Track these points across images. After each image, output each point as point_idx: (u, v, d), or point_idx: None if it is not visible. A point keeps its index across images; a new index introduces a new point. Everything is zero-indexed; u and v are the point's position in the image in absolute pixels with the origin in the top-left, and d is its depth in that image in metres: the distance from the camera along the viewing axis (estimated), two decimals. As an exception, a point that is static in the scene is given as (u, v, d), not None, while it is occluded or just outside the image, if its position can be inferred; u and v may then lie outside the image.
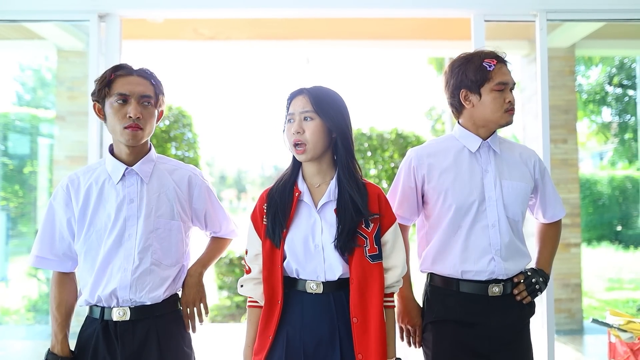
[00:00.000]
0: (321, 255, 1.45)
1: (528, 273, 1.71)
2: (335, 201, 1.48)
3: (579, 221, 4.71)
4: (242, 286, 1.56)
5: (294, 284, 1.48)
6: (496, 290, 1.64)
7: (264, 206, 1.53)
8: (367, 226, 1.47)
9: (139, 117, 1.52)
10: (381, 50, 4.82)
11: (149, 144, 1.64)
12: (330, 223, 1.47)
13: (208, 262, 1.75)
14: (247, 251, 1.57)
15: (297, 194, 1.49)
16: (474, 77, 1.67)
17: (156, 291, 1.55)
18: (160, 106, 1.62)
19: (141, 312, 1.53)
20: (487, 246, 1.64)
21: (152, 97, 1.57)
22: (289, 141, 1.50)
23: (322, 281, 1.45)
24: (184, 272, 1.67)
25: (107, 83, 1.52)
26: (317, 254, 1.45)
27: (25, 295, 5.49)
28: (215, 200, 1.76)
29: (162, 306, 1.57)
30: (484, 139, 1.71)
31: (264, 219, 1.52)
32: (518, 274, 1.69)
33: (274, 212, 1.49)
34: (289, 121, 1.51)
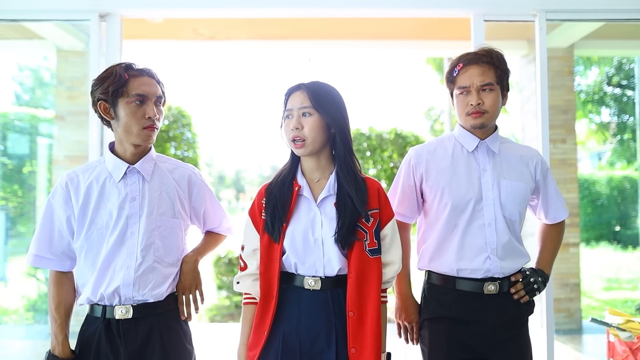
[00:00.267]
0: (320, 250, 1.46)
1: (527, 272, 1.71)
2: (335, 195, 1.49)
3: (578, 221, 4.72)
4: (238, 283, 1.56)
5: (291, 279, 1.48)
6: (492, 289, 1.65)
7: (263, 201, 1.54)
8: (368, 220, 1.48)
9: (157, 118, 1.56)
10: (380, 50, 4.83)
11: None
12: (329, 217, 1.48)
13: (203, 251, 1.76)
14: (243, 247, 1.57)
15: (296, 189, 1.50)
16: (447, 82, 1.76)
17: (159, 288, 1.56)
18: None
19: (143, 310, 1.53)
20: (483, 245, 1.65)
21: (162, 97, 1.61)
22: (287, 137, 1.51)
23: (321, 276, 1.46)
24: None
25: (124, 83, 1.52)
26: (317, 248, 1.46)
27: (24, 295, 5.49)
28: (214, 198, 1.78)
29: (164, 304, 1.58)
30: (481, 139, 1.72)
31: (262, 214, 1.52)
32: (516, 273, 1.70)
33: (273, 207, 1.49)
34: (287, 117, 1.51)
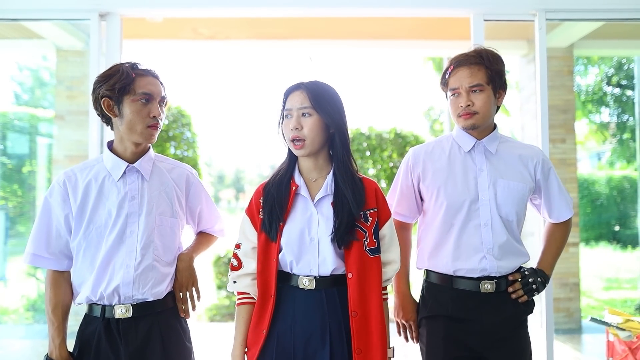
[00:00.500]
0: (316, 249, 1.46)
1: (526, 272, 1.70)
2: (332, 195, 1.49)
3: (577, 221, 4.73)
4: (235, 282, 1.54)
5: (287, 278, 1.48)
6: (488, 287, 1.65)
7: (260, 200, 1.54)
8: (366, 220, 1.49)
9: (160, 117, 1.58)
10: (380, 50, 4.83)
11: None
12: (326, 216, 1.48)
13: (197, 250, 1.76)
14: (239, 245, 1.56)
15: (294, 188, 1.51)
16: (441, 84, 1.77)
17: (159, 287, 1.56)
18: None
19: (143, 309, 1.53)
20: (478, 245, 1.65)
21: (165, 98, 1.62)
22: (286, 137, 1.51)
23: (315, 276, 1.45)
24: None
25: (131, 81, 1.53)
26: (312, 247, 1.46)
27: (24, 295, 5.49)
28: (209, 199, 1.79)
29: (163, 302, 1.58)
30: (478, 139, 1.73)
31: (260, 213, 1.53)
32: (515, 272, 1.69)
33: (271, 206, 1.50)
34: (286, 117, 1.51)
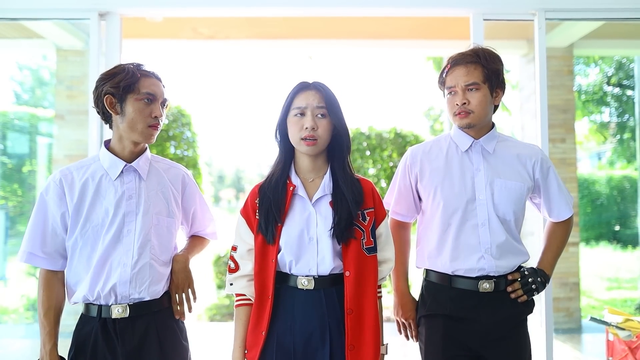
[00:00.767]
0: (315, 248, 1.46)
1: (525, 272, 1.70)
2: (330, 195, 1.50)
3: (577, 220, 4.73)
4: (231, 284, 1.54)
5: (285, 279, 1.48)
6: (487, 287, 1.65)
7: (256, 201, 1.53)
8: (364, 219, 1.50)
9: (161, 118, 1.59)
10: (380, 49, 4.83)
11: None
12: (324, 216, 1.48)
13: (192, 252, 1.76)
14: (235, 248, 1.56)
15: (291, 188, 1.51)
16: (439, 84, 1.77)
17: (156, 286, 1.57)
18: None
19: (140, 309, 1.54)
20: (476, 244, 1.65)
21: (166, 100, 1.63)
22: (295, 134, 1.48)
23: (314, 275, 1.46)
24: None
25: (136, 80, 1.54)
26: (311, 246, 1.46)
27: (24, 294, 5.50)
28: (203, 201, 1.80)
29: (160, 302, 1.59)
30: (476, 139, 1.72)
31: (256, 214, 1.52)
32: (514, 271, 1.69)
33: (267, 207, 1.49)
34: (296, 114, 1.49)
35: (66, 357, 1.55)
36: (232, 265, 1.55)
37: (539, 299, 2.49)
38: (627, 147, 8.77)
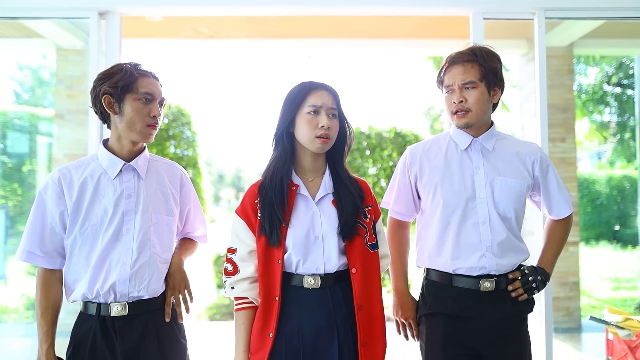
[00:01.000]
0: (321, 247, 1.47)
1: (526, 271, 1.70)
2: (332, 194, 1.52)
3: (577, 220, 4.73)
4: (233, 288, 1.51)
5: (289, 279, 1.48)
6: (488, 285, 1.65)
7: (257, 201, 1.52)
8: (365, 217, 1.54)
9: (159, 117, 1.60)
10: (380, 48, 4.83)
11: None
12: (328, 214, 1.50)
13: (185, 254, 1.76)
14: (234, 250, 1.53)
15: (294, 188, 1.51)
16: (437, 83, 1.77)
17: (155, 284, 1.57)
18: None
19: (139, 307, 1.54)
20: (477, 243, 1.65)
21: (164, 100, 1.64)
22: (309, 132, 1.48)
23: (321, 274, 1.46)
24: None
25: (134, 80, 1.54)
26: (317, 245, 1.47)
27: (24, 294, 5.50)
28: (197, 202, 1.80)
29: (159, 300, 1.59)
30: (475, 137, 1.73)
31: (257, 215, 1.51)
32: (514, 270, 1.69)
33: (271, 209, 1.48)
34: (310, 112, 1.49)
35: (64, 356, 1.55)
36: (230, 268, 1.52)
37: (539, 298, 2.49)
38: (627, 147, 8.77)
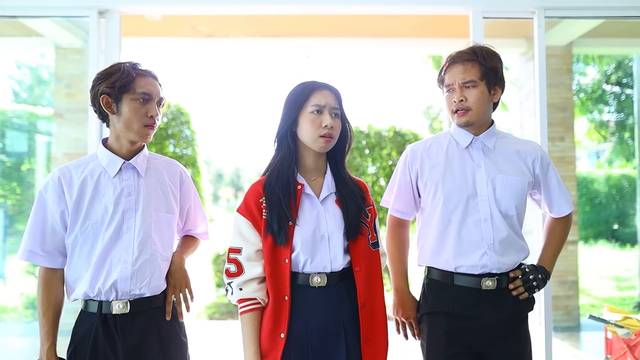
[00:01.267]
0: (327, 246, 1.48)
1: (526, 269, 1.71)
2: (334, 193, 1.54)
3: (576, 219, 4.73)
4: (241, 289, 1.48)
5: (295, 278, 1.47)
6: (489, 284, 1.65)
7: (262, 200, 1.51)
8: (367, 216, 1.56)
9: (157, 117, 1.60)
10: (379, 47, 4.83)
11: None
12: (332, 213, 1.51)
13: (186, 252, 1.76)
14: (239, 250, 1.50)
15: (299, 187, 1.51)
16: (438, 82, 1.78)
17: (157, 282, 1.57)
18: None
19: (140, 305, 1.54)
20: (479, 240, 1.65)
21: (162, 99, 1.64)
22: (313, 131, 1.49)
23: (327, 272, 1.47)
24: None
25: (132, 80, 1.54)
26: (324, 244, 1.48)
27: (23, 293, 5.49)
28: (198, 199, 1.80)
29: (160, 298, 1.59)
30: (476, 135, 1.73)
31: (263, 214, 1.50)
32: (515, 269, 1.70)
33: (279, 207, 1.47)
34: (316, 112, 1.49)
35: (65, 355, 1.55)
36: (233, 269, 1.50)
37: (538, 297, 2.49)
38: (626, 146, 8.78)
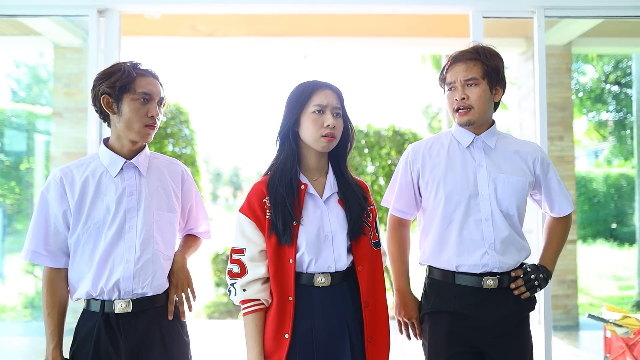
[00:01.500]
0: (331, 245, 1.49)
1: (528, 269, 1.71)
2: (337, 193, 1.54)
3: (575, 218, 4.74)
4: (244, 290, 1.46)
5: (299, 278, 1.47)
6: (490, 283, 1.65)
7: (265, 200, 1.50)
8: (368, 216, 1.56)
9: (158, 117, 1.60)
10: (379, 47, 4.83)
11: None
12: (335, 213, 1.52)
13: (188, 251, 1.76)
14: (242, 250, 1.49)
15: (302, 187, 1.51)
16: (439, 81, 1.79)
17: (159, 281, 1.58)
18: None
19: (142, 304, 1.54)
20: (480, 240, 1.66)
21: (164, 99, 1.64)
22: (315, 131, 1.49)
23: (332, 272, 1.47)
24: None
25: (132, 80, 1.54)
26: (328, 244, 1.48)
27: (21, 292, 5.49)
28: (199, 198, 1.80)
29: (162, 297, 1.60)
30: (477, 135, 1.73)
31: (266, 213, 1.49)
32: (517, 268, 1.70)
33: (283, 207, 1.46)
34: (315, 111, 1.49)
35: (68, 354, 1.55)
36: (236, 269, 1.48)
37: (538, 296, 2.50)
38: (625, 145, 8.80)
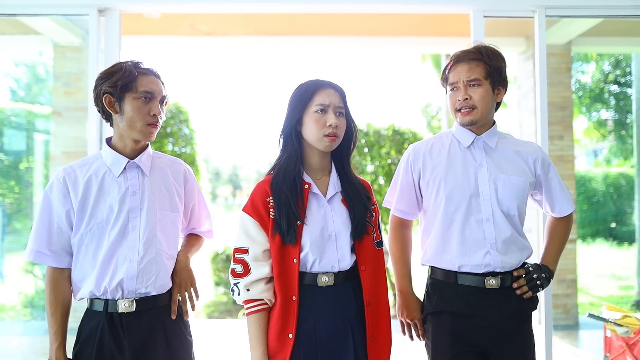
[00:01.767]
0: (334, 245, 1.49)
1: (530, 268, 1.71)
2: (340, 192, 1.54)
3: (575, 217, 4.74)
4: (248, 290, 1.46)
5: (302, 278, 1.47)
6: (493, 283, 1.65)
7: (269, 199, 1.49)
8: (371, 215, 1.56)
9: (160, 116, 1.60)
10: (378, 46, 4.83)
11: None
12: (339, 213, 1.51)
13: (191, 251, 1.76)
14: (245, 250, 1.48)
15: (306, 187, 1.51)
16: (442, 81, 1.79)
17: (163, 280, 1.58)
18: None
19: (146, 303, 1.54)
20: (481, 240, 1.66)
21: (165, 98, 1.64)
22: (318, 131, 1.49)
23: (335, 272, 1.48)
24: None
25: (133, 79, 1.54)
26: (331, 243, 1.48)
27: (21, 292, 5.48)
28: (202, 197, 1.80)
29: (166, 296, 1.60)
30: (478, 135, 1.73)
31: (270, 213, 1.48)
32: (519, 268, 1.70)
33: (287, 206, 1.46)
34: (317, 111, 1.49)
35: (71, 353, 1.55)
36: (240, 269, 1.47)
37: (539, 296, 2.50)
38: (624, 144, 8.80)
